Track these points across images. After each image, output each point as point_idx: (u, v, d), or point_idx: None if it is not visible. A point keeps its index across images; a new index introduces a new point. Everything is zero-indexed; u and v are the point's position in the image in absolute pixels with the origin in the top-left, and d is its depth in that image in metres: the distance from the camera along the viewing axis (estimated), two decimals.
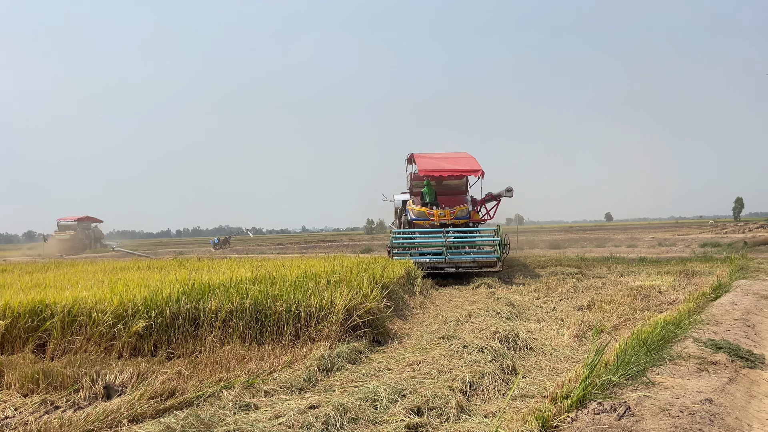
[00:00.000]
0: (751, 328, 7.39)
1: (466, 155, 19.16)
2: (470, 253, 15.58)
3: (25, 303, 7.73)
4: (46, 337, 7.46)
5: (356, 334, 7.24)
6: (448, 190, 18.57)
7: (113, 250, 45.41)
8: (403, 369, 5.97)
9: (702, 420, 3.96)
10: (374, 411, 4.60)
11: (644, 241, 34.89)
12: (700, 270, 15.15)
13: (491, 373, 5.52)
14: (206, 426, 4.04)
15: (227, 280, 9.04)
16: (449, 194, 18.35)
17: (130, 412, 4.67)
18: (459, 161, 18.40)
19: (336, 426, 4.18)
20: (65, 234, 48.90)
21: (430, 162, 18.23)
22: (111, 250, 45.16)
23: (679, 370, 5.27)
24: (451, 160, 18.59)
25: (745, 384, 5.14)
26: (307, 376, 5.72)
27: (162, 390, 5.16)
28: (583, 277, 15.09)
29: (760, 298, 9.80)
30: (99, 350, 7.18)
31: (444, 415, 4.52)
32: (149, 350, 7.21)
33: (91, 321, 7.42)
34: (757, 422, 4.30)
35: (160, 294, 7.89)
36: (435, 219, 16.52)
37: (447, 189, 18.60)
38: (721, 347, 6.10)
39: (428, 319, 9.18)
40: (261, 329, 7.30)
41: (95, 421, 4.52)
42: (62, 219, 50.58)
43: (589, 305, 10.23)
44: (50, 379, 5.83)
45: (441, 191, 18.35)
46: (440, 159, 18.68)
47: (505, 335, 6.94)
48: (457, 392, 4.94)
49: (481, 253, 15.20)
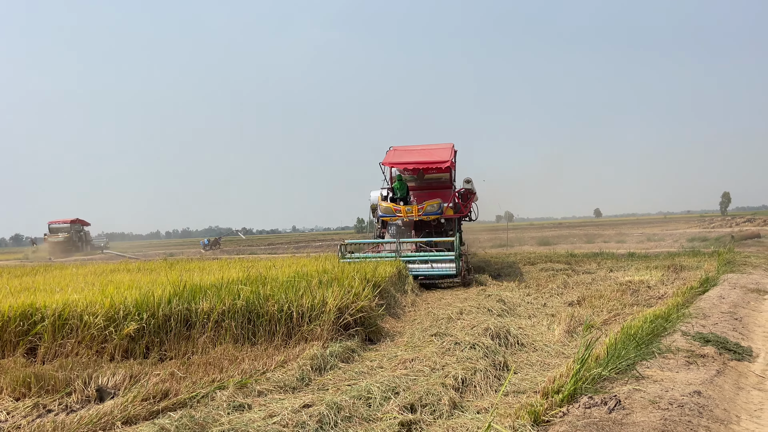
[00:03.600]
0: (738, 321, 7.49)
1: (444, 147, 17.39)
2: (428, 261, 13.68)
3: (15, 307, 7.69)
4: (36, 340, 7.42)
5: (348, 333, 7.27)
6: (432, 184, 17.24)
7: (102, 252, 45.22)
8: (395, 367, 6.00)
9: (691, 412, 4.02)
10: (368, 409, 4.63)
11: (633, 237, 35.14)
12: (688, 264, 15.32)
13: (483, 370, 5.56)
14: (200, 426, 4.05)
15: (219, 281, 9.03)
16: (432, 188, 17.07)
17: (124, 414, 4.67)
18: (434, 153, 16.66)
19: (330, 424, 4.20)
20: (58, 237, 48.50)
21: (401, 154, 16.72)
22: (101, 252, 44.99)
23: (668, 363, 5.33)
24: (427, 152, 16.89)
25: (733, 376, 5.21)
26: (300, 376, 5.73)
27: (155, 392, 5.16)
28: (573, 273, 15.19)
29: (747, 292, 9.92)
30: (90, 353, 7.14)
31: (437, 411, 4.56)
32: (141, 352, 7.19)
33: (82, 324, 7.39)
34: (745, 413, 4.37)
35: (151, 296, 7.86)
36: (402, 215, 15.22)
37: (430, 183, 17.26)
38: (709, 340, 6.18)
39: (420, 317, 9.22)
40: (253, 329, 7.30)
41: (88, 424, 4.51)
42: (53, 222, 49.85)
43: (579, 301, 10.31)
44: (42, 382, 5.80)
45: (424, 186, 17.21)
46: (416, 151, 17.01)
47: (496, 332, 6.98)
48: (449, 389, 4.97)
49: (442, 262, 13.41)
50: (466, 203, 16.26)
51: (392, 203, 15.64)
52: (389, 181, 17.07)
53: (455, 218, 15.87)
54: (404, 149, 17.24)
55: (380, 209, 15.71)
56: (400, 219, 15.41)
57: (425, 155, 16.32)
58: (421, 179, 17.17)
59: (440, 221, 15.65)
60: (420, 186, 17.20)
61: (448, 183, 17.16)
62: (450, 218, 15.72)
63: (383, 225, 16.20)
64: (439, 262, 13.40)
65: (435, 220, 15.52)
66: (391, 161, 16.01)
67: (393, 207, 15.40)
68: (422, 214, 15.10)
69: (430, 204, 15.24)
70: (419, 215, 15.09)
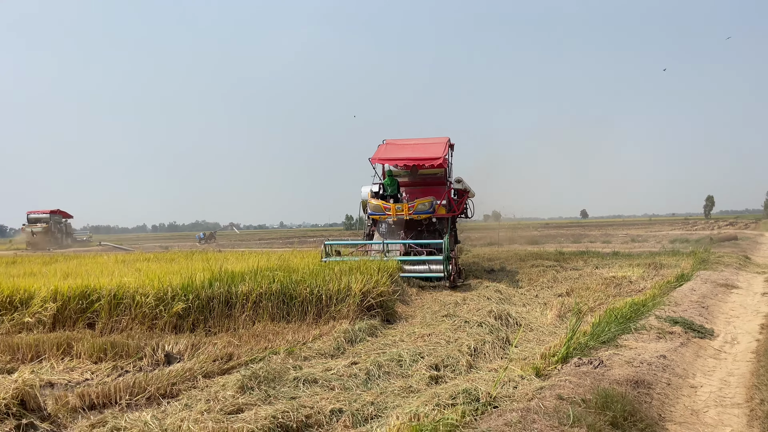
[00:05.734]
0: (705, 309, 8.70)
1: (438, 141, 16.20)
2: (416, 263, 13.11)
3: (74, 288, 8.73)
4: (94, 317, 8.47)
5: (370, 314, 8.37)
6: (426, 180, 16.25)
7: (100, 244, 45.75)
8: (415, 340, 7.12)
9: (656, 368, 5.19)
10: (401, 368, 5.74)
11: (618, 237, 36.53)
12: (667, 263, 16.56)
13: (491, 342, 6.71)
14: (278, 374, 5.15)
15: (253, 268, 10.11)
16: (427, 185, 16.11)
17: (203, 370, 5.75)
18: (426, 148, 15.52)
19: (375, 376, 5.33)
20: (36, 227, 46.14)
21: (392, 149, 15.77)
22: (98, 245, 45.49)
23: (642, 337, 6.51)
24: (420, 146, 15.83)
25: (694, 348, 6.40)
26: (336, 346, 6.83)
27: (221, 354, 6.25)
28: (562, 269, 16.36)
29: (717, 286, 11.16)
30: (143, 328, 8.20)
31: (457, 370, 5.68)
32: (188, 328, 8.25)
33: (134, 303, 8.44)
34: (700, 373, 5.55)
35: (193, 280, 8.93)
36: (392, 214, 14.39)
37: (425, 179, 16.27)
38: (677, 322, 7.37)
39: (428, 303, 10.34)
40: (287, 309, 8.40)
41: (176, 376, 5.59)
42: (33, 212, 47.47)
43: (568, 292, 11.50)
44: (117, 349, 6.86)
45: (418, 182, 16.28)
46: (409, 146, 15.99)
47: (498, 314, 8.14)
48: (465, 354, 6.11)
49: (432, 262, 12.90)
50: (461, 201, 15.62)
51: (381, 201, 14.89)
52: (381, 177, 16.11)
53: (448, 217, 15.09)
54: (397, 143, 16.33)
55: (369, 207, 15.07)
56: (389, 217, 14.74)
57: (417, 151, 15.36)
58: (415, 175, 16.28)
59: (432, 220, 14.86)
60: (414, 182, 16.35)
61: (442, 180, 16.21)
62: (442, 217, 14.91)
63: (373, 223, 15.55)
64: (427, 264, 12.93)
65: (426, 219, 14.81)
66: (380, 157, 15.14)
67: (382, 205, 14.65)
68: (413, 213, 14.34)
69: (421, 202, 14.46)
70: (409, 214, 14.34)
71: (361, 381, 5.20)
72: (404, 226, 15.00)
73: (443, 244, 12.73)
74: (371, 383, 5.18)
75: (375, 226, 15.53)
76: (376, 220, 15.26)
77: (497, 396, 4.41)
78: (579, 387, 4.38)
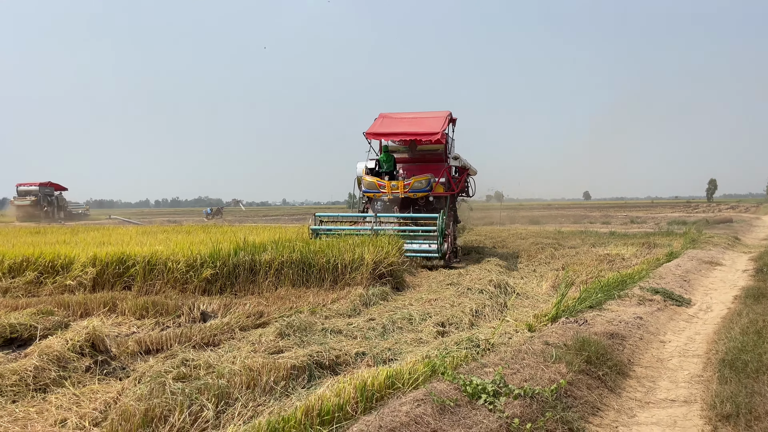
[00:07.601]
0: (686, 282, 9.54)
1: (438, 115, 15.30)
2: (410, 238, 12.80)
3: (111, 254, 9.60)
4: (130, 281, 9.34)
5: (381, 281, 9.23)
6: (425, 156, 15.60)
7: (110, 217, 46.68)
8: (423, 304, 7.98)
9: (632, 326, 6.04)
10: (411, 325, 6.60)
11: (618, 219, 37.37)
12: (660, 243, 17.38)
13: (490, 305, 7.57)
14: (309, 324, 6.03)
15: (273, 239, 10.96)
16: (426, 161, 15.46)
17: (239, 324, 6.61)
18: (424, 122, 14.65)
19: (390, 330, 6.19)
20: (25, 200, 45.04)
21: (388, 123, 14.91)
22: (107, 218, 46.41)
23: (624, 302, 7.35)
24: (418, 121, 14.91)
25: (669, 313, 7.25)
26: (352, 307, 7.68)
27: (253, 312, 7.11)
28: (560, 246, 17.21)
29: (702, 263, 12.00)
30: (175, 292, 9.07)
31: (460, 327, 6.54)
32: (216, 292, 9.12)
33: (166, 269, 9.30)
34: (671, 332, 6.40)
35: (219, 249, 9.78)
36: (387, 191, 13.84)
37: (424, 155, 15.61)
38: (658, 291, 8.21)
39: (432, 274, 11.20)
40: (306, 276, 9.25)
41: (216, 329, 6.44)
42: (22, 184, 46.16)
43: (564, 267, 12.34)
44: (157, 307, 7.72)
45: (417, 158, 15.66)
46: (406, 120, 15.07)
47: (498, 283, 9.00)
48: (467, 315, 6.96)
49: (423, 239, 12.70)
50: (460, 179, 15.15)
51: (376, 178, 14.24)
52: (377, 152, 15.40)
53: (446, 196, 14.47)
54: (393, 117, 15.50)
55: (363, 184, 14.48)
56: (384, 195, 14.15)
57: (414, 125, 14.52)
58: (414, 151, 15.65)
59: (428, 199, 14.25)
60: (413, 158, 15.74)
61: (441, 156, 15.51)
62: (440, 196, 14.31)
63: (368, 201, 15.00)
64: (420, 238, 12.73)
65: (423, 198, 14.23)
66: (375, 131, 14.40)
67: (377, 182, 14.07)
68: (408, 191, 13.72)
69: (417, 180, 13.78)
70: (405, 192, 13.71)
71: (379, 333, 6.07)
72: (400, 205, 14.44)
73: (437, 220, 12.48)
74: (387, 335, 6.04)
75: (370, 204, 15.04)
76: (370, 197, 14.76)
77: (495, 343, 5.26)
78: (563, 337, 5.23)
